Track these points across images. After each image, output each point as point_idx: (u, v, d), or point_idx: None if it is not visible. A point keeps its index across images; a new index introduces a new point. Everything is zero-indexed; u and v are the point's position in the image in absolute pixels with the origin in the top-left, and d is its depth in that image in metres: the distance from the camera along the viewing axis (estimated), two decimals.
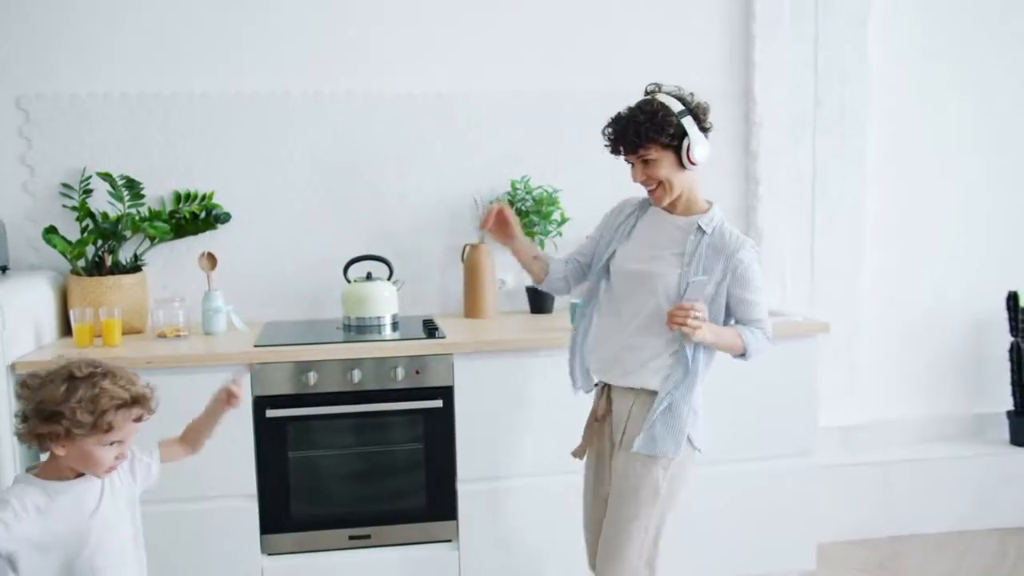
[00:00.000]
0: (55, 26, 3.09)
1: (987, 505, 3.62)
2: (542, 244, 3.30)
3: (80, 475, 1.77)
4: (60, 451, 1.71)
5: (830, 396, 3.47)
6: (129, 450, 1.82)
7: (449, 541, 2.89)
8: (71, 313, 2.87)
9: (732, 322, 2.31)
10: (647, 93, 2.30)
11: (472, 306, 3.24)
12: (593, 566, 2.43)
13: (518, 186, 3.30)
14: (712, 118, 2.31)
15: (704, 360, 2.27)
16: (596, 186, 3.40)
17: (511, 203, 3.27)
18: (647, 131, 2.20)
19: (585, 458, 2.47)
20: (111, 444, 1.73)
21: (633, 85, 3.30)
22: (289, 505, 2.81)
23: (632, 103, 2.31)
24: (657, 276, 2.25)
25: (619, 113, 2.29)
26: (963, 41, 3.64)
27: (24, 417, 1.72)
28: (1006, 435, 3.76)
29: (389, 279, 3.16)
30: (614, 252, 2.38)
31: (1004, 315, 3.72)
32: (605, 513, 2.35)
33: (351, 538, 2.85)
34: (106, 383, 1.71)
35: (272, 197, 3.26)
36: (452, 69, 3.32)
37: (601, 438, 2.41)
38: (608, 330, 2.36)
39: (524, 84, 3.36)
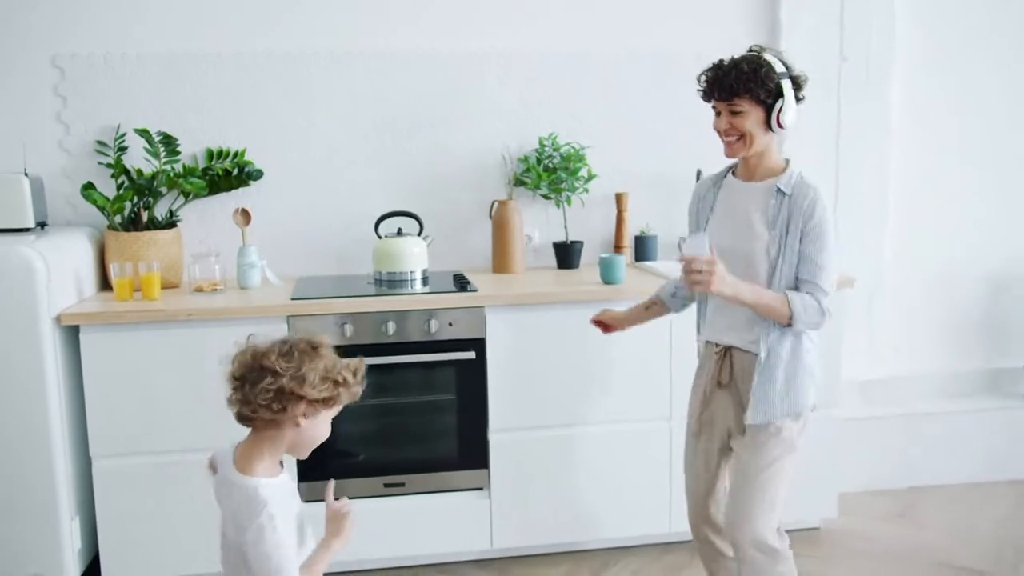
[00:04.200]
0: None
1: (1004, 458, 3.69)
2: (569, 201, 3.35)
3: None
4: (303, 422, 1.69)
5: (850, 351, 3.52)
6: None
7: (480, 489, 2.97)
8: (111, 268, 2.93)
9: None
10: (751, 51, 2.25)
11: (500, 261, 3.29)
12: (698, 522, 2.45)
13: (546, 143, 3.33)
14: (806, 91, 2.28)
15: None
16: (623, 144, 3.45)
17: (539, 160, 3.31)
18: (747, 81, 2.17)
19: (695, 418, 2.43)
20: None
21: (658, 44, 3.38)
22: (325, 453, 2.87)
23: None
24: (749, 249, 2.23)
25: (721, 60, 2.24)
26: None
27: (281, 391, 1.63)
28: (1023, 389, 3.82)
29: (419, 235, 3.21)
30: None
31: None
32: (713, 469, 2.38)
33: (386, 486, 2.93)
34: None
35: (303, 155, 3.30)
36: (481, 28, 3.34)
37: (722, 400, 2.37)
38: (721, 303, 2.32)
39: (552, 43, 3.38)
